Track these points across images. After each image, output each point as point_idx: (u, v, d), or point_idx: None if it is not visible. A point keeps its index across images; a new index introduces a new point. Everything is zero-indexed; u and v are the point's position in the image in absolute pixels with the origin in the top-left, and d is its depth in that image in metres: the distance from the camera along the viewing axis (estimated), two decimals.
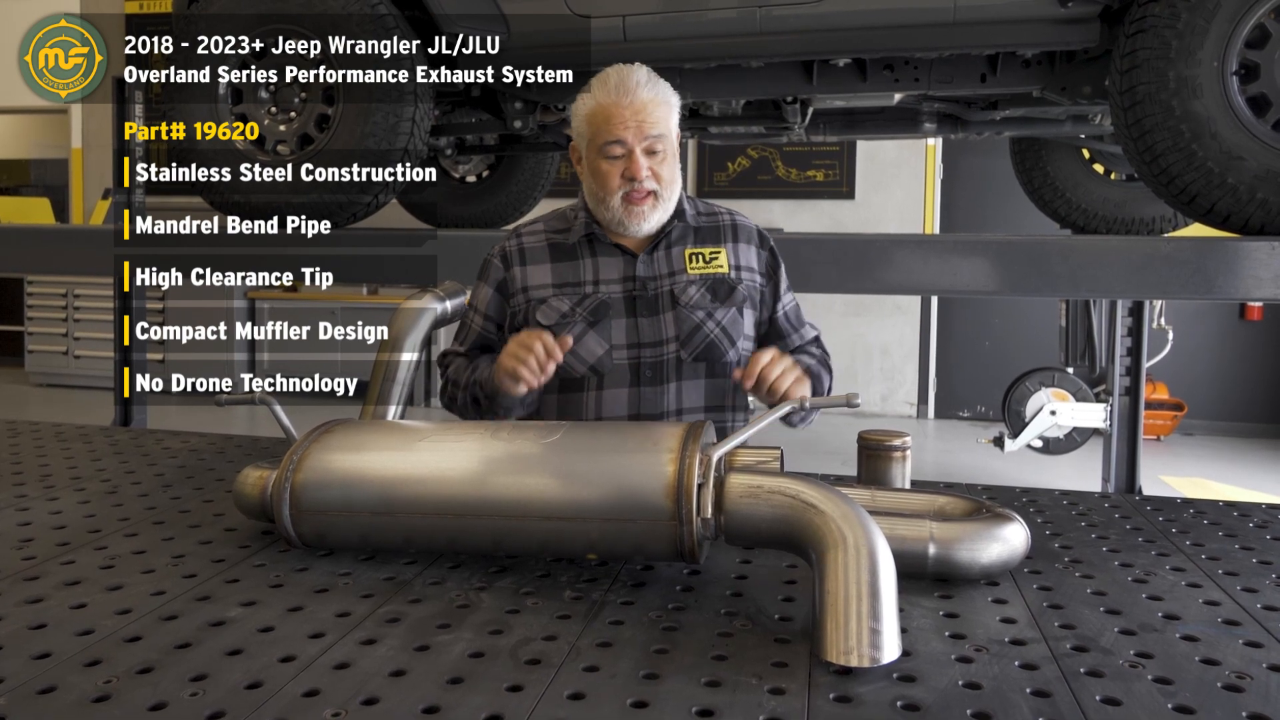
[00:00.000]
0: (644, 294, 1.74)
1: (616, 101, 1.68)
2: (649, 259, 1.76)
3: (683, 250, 1.77)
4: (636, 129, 1.66)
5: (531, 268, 1.78)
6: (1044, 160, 3.87)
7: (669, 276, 1.74)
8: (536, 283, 1.77)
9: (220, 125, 2.87)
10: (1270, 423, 6.91)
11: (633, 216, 1.70)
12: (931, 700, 0.84)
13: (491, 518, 1.14)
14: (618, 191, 1.69)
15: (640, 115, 1.67)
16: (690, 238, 1.79)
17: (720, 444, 1.13)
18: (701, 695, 0.85)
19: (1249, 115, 2.20)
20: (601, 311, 1.72)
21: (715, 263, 1.76)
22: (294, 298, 7.81)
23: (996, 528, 1.15)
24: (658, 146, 1.69)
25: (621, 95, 1.68)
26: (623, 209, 1.70)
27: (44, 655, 0.92)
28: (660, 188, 1.70)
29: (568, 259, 1.78)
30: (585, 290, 1.75)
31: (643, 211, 1.70)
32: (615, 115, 1.67)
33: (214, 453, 1.81)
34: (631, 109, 1.67)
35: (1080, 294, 2.50)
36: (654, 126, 1.67)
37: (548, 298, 1.75)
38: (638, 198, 1.69)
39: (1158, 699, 0.85)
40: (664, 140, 1.69)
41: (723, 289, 1.75)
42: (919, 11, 2.55)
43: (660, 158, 1.69)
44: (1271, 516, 1.47)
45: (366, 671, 0.89)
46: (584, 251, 1.78)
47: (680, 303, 1.73)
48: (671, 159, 1.72)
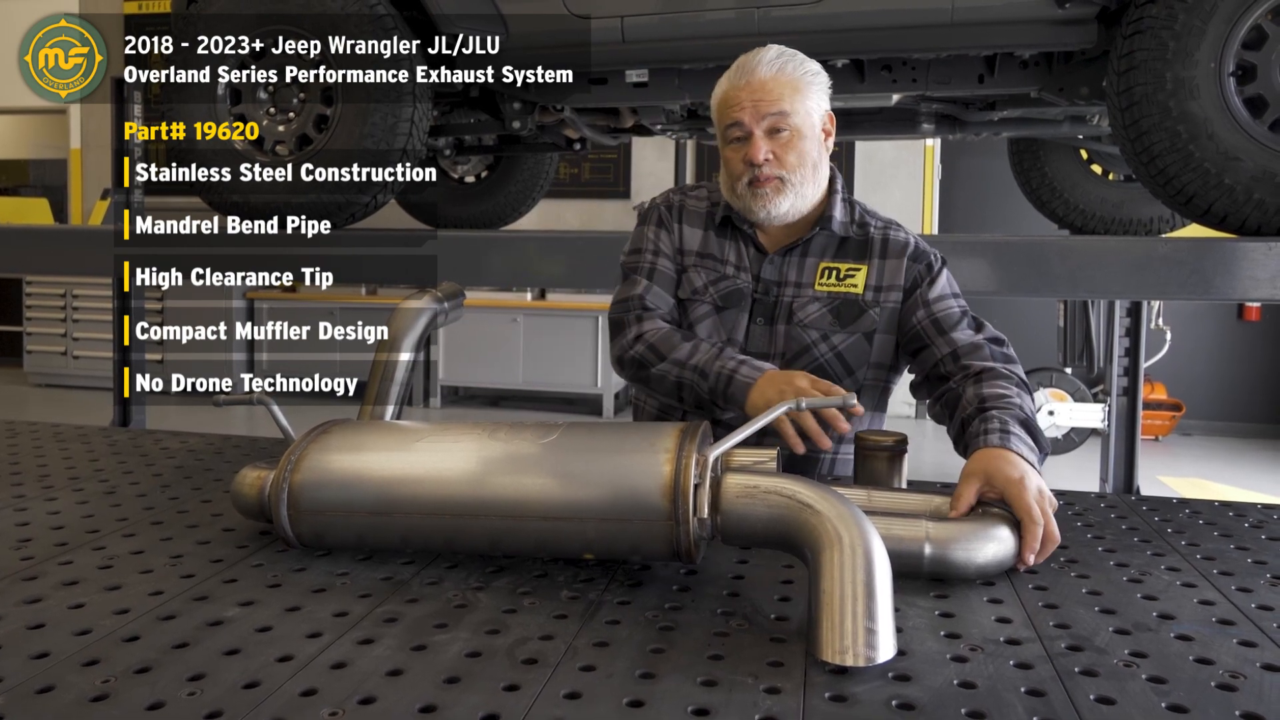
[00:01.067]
0: (764, 298, 1.64)
1: (735, 84, 1.59)
2: (778, 261, 1.65)
3: (818, 262, 1.64)
4: (753, 109, 1.56)
5: (687, 229, 1.70)
6: (1042, 161, 3.88)
7: (794, 286, 1.63)
8: (688, 247, 1.68)
9: (219, 125, 2.87)
10: (1268, 423, 6.92)
11: (757, 200, 1.58)
12: (926, 699, 0.85)
13: (489, 518, 1.14)
14: (742, 177, 1.59)
15: (758, 94, 1.56)
16: (832, 249, 1.65)
17: (717, 444, 1.13)
18: (698, 694, 0.85)
19: (1246, 116, 2.21)
20: (734, 299, 1.64)
21: (849, 281, 1.63)
22: (293, 298, 7.82)
23: (992, 528, 1.16)
24: (781, 125, 1.56)
25: (740, 76, 1.59)
26: (749, 194, 1.59)
27: (42, 655, 0.92)
28: (786, 173, 1.57)
29: (718, 234, 1.69)
30: (725, 270, 1.65)
31: (766, 194, 1.57)
32: (733, 98, 1.58)
33: (212, 453, 1.82)
34: (749, 89, 1.57)
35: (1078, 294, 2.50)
36: (773, 105, 1.55)
37: (690, 266, 1.67)
38: (760, 183, 1.57)
39: (1152, 698, 0.86)
40: (787, 120, 1.56)
41: (850, 311, 1.62)
42: (917, 13, 2.56)
43: (785, 140, 1.57)
44: (1267, 516, 1.47)
45: (364, 671, 0.89)
46: (728, 232, 1.69)
47: (796, 319, 1.62)
48: (800, 141, 1.58)
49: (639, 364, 1.62)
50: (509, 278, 3.04)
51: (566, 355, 7.36)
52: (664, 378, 1.59)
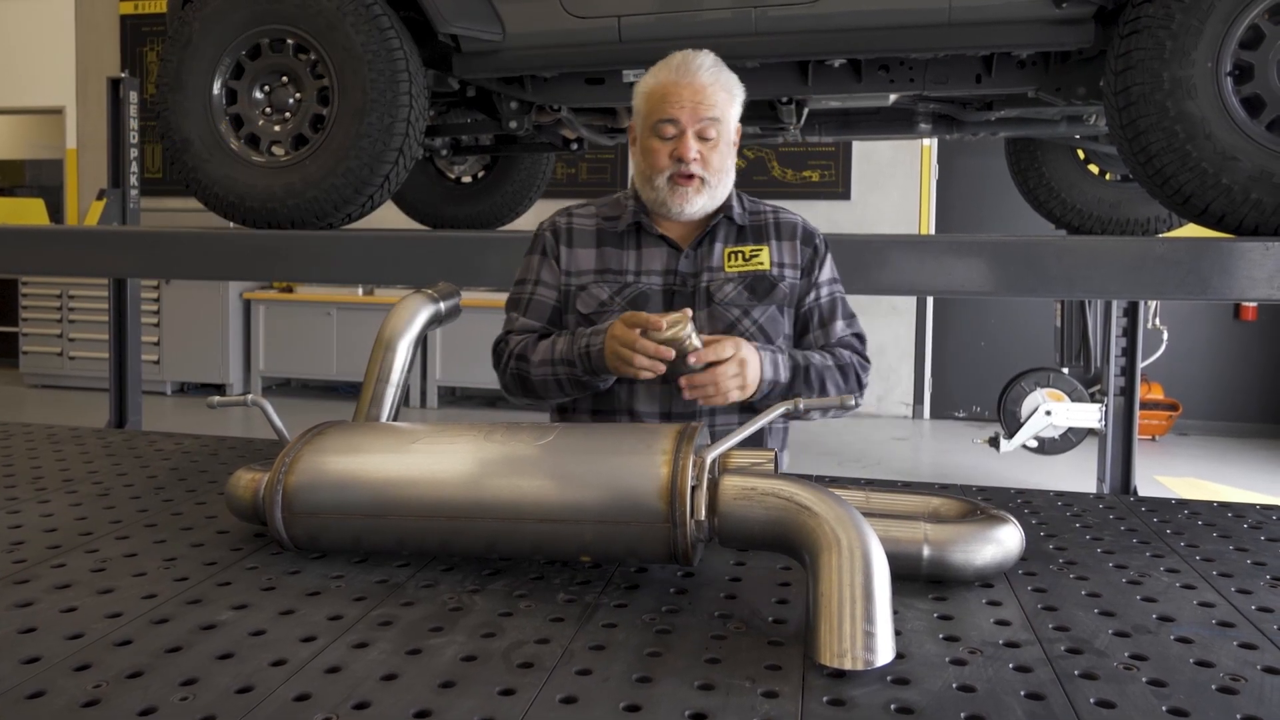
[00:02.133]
0: (682, 289, 1.72)
1: (675, 80, 1.66)
2: (692, 254, 1.74)
3: (724, 249, 1.75)
4: (691, 110, 1.64)
5: (578, 250, 1.78)
6: (1039, 161, 3.88)
7: (709, 272, 1.73)
8: (579, 268, 1.76)
9: (215, 126, 2.86)
10: (1265, 422, 6.93)
11: (676, 197, 1.68)
12: (925, 703, 0.84)
13: (485, 520, 1.14)
14: (665, 171, 1.67)
15: (697, 97, 1.65)
16: (733, 236, 1.77)
17: (714, 446, 1.12)
18: (695, 698, 0.85)
19: (1243, 116, 2.21)
20: (640, 303, 1.71)
21: (756, 260, 1.74)
22: (289, 298, 7.81)
23: (991, 529, 1.15)
24: (710, 131, 1.66)
25: (681, 75, 1.67)
26: (667, 188, 1.68)
27: (33, 659, 0.91)
28: (708, 174, 1.67)
29: (613, 246, 1.76)
30: (626, 279, 1.73)
31: (686, 194, 1.67)
32: (672, 94, 1.66)
33: (207, 454, 1.81)
34: (690, 89, 1.65)
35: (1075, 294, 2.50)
36: (709, 110, 1.65)
37: (588, 284, 1.74)
38: (683, 179, 1.66)
39: (1152, 701, 0.85)
40: (718, 126, 1.67)
41: (762, 286, 1.72)
42: (914, 12, 2.56)
43: (712, 144, 1.67)
44: (1266, 517, 1.47)
45: (358, 675, 0.89)
46: (630, 241, 1.77)
47: (715, 300, 1.71)
48: (724, 148, 1.69)
49: (518, 378, 1.72)
50: (506, 278, 3.02)
51: None
52: (544, 381, 1.68)
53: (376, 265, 2.75)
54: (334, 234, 2.81)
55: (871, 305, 7.31)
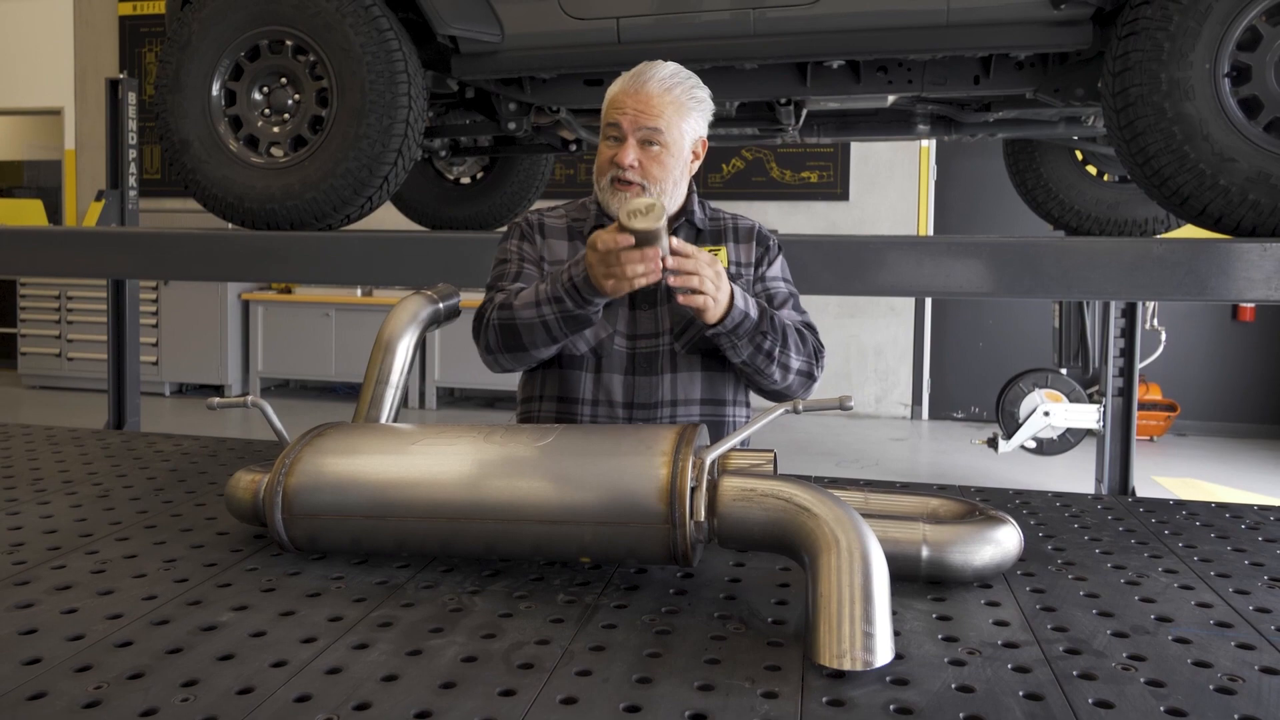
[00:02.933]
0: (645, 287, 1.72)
1: (625, 89, 1.69)
2: None
3: None
4: (634, 117, 1.67)
5: (552, 241, 1.81)
6: (1037, 162, 3.88)
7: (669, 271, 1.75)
8: (555, 257, 1.79)
9: (214, 127, 2.86)
10: (1263, 423, 6.94)
11: (614, 198, 1.70)
12: (924, 703, 0.84)
13: (484, 521, 1.14)
14: (607, 174, 1.71)
15: (642, 105, 1.67)
16: (693, 239, 1.80)
17: (713, 447, 1.13)
18: (694, 699, 0.85)
19: (1241, 117, 2.21)
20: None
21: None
22: (288, 299, 7.81)
23: (989, 530, 1.15)
24: (654, 140, 1.68)
25: (631, 83, 1.69)
26: (610, 191, 1.71)
27: (34, 661, 0.91)
28: (647, 183, 1.69)
29: (581, 242, 1.79)
30: None
31: (623, 198, 1.69)
32: (619, 101, 1.69)
33: (206, 456, 1.81)
34: (635, 97, 1.68)
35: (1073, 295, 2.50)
36: (652, 119, 1.67)
37: None
38: (622, 185, 1.69)
39: (1150, 701, 0.86)
40: (662, 136, 1.68)
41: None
42: (912, 14, 2.56)
43: (654, 153, 1.68)
44: (1263, 518, 1.47)
45: (358, 676, 0.89)
46: None
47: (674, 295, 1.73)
48: (669, 158, 1.70)
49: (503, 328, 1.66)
50: None
51: None
52: (531, 324, 1.63)
53: (375, 266, 2.75)
54: (333, 235, 2.81)
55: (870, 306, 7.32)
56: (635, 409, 1.73)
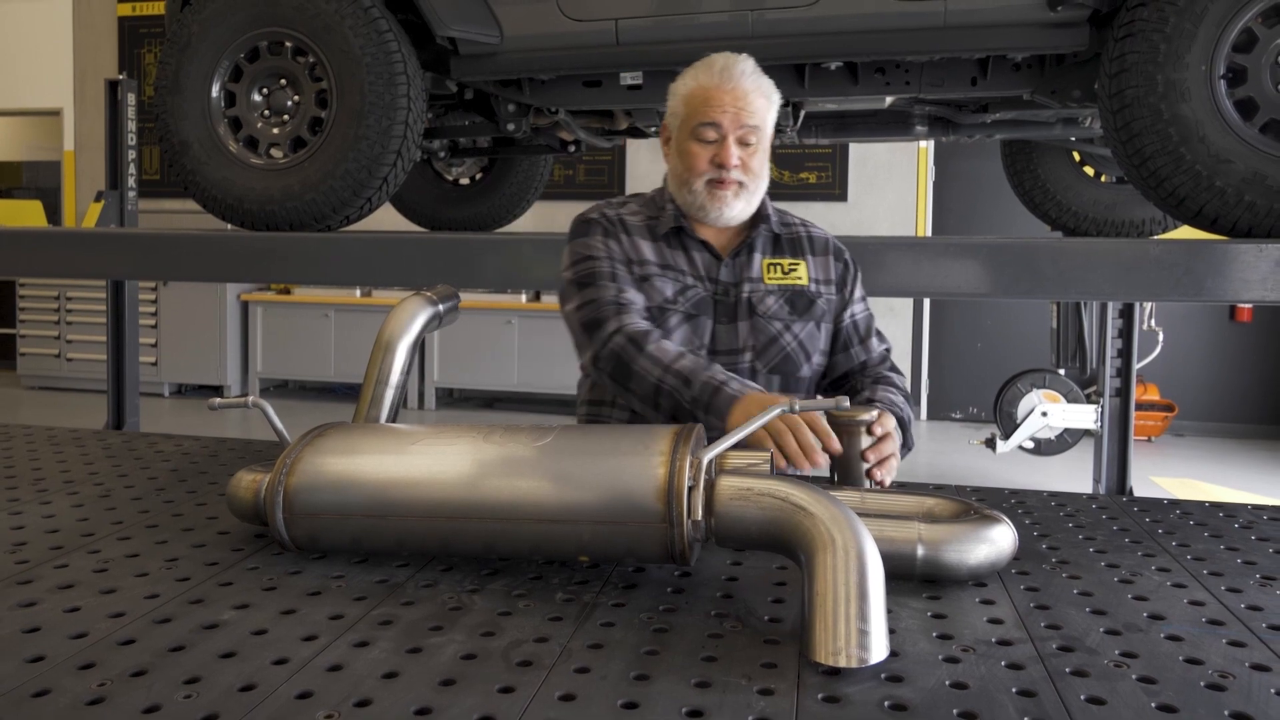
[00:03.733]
0: (724, 299, 1.69)
1: (718, 85, 1.65)
2: (731, 263, 1.71)
3: (762, 258, 1.73)
4: (734, 115, 1.63)
5: (637, 240, 1.73)
6: (1035, 163, 3.89)
7: (749, 283, 1.70)
8: (641, 257, 1.71)
9: (213, 128, 2.87)
10: (1260, 423, 6.95)
11: (715, 201, 1.66)
12: (919, 700, 0.85)
13: (484, 520, 1.15)
14: (703, 175, 1.66)
15: (740, 103, 1.64)
16: (770, 247, 1.75)
17: (711, 447, 1.14)
18: (691, 696, 0.86)
19: (1236, 118, 2.22)
20: (702, 307, 1.69)
21: (794, 274, 1.72)
22: (287, 300, 7.82)
23: (984, 529, 1.16)
24: (751, 138, 1.66)
25: (724, 79, 1.65)
26: (706, 193, 1.66)
27: (37, 659, 0.92)
28: (748, 180, 1.66)
29: (665, 244, 1.73)
30: (686, 281, 1.70)
31: (725, 198, 1.65)
32: (714, 98, 1.64)
33: (207, 456, 1.82)
34: (732, 95, 1.64)
35: (1071, 296, 2.51)
36: (751, 117, 1.64)
37: (651, 275, 1.70)
38: (722, 185, 1.65)
39: (1141, 698, 0.86)
40: (758, 133, 1.66)
41: (801, 302, 1.71)
42: (910, 15, 2.57)
43: (752, 150, 1.66)
44: (1256, 517, 1.48)
45: (359, 673, 0.90)
46: (674, 242, 1.73)
47: (758, 312, 1.68)
48: (763, 154, 1.69)
49: (618, 359, 1.57)
50: (504, 280, 3.04)
51: (561, 357, 7.35)
52: (645, 377, 1.54)
53: (374, 267, 2.76)
54: (332, 236, 2.82)
55: None
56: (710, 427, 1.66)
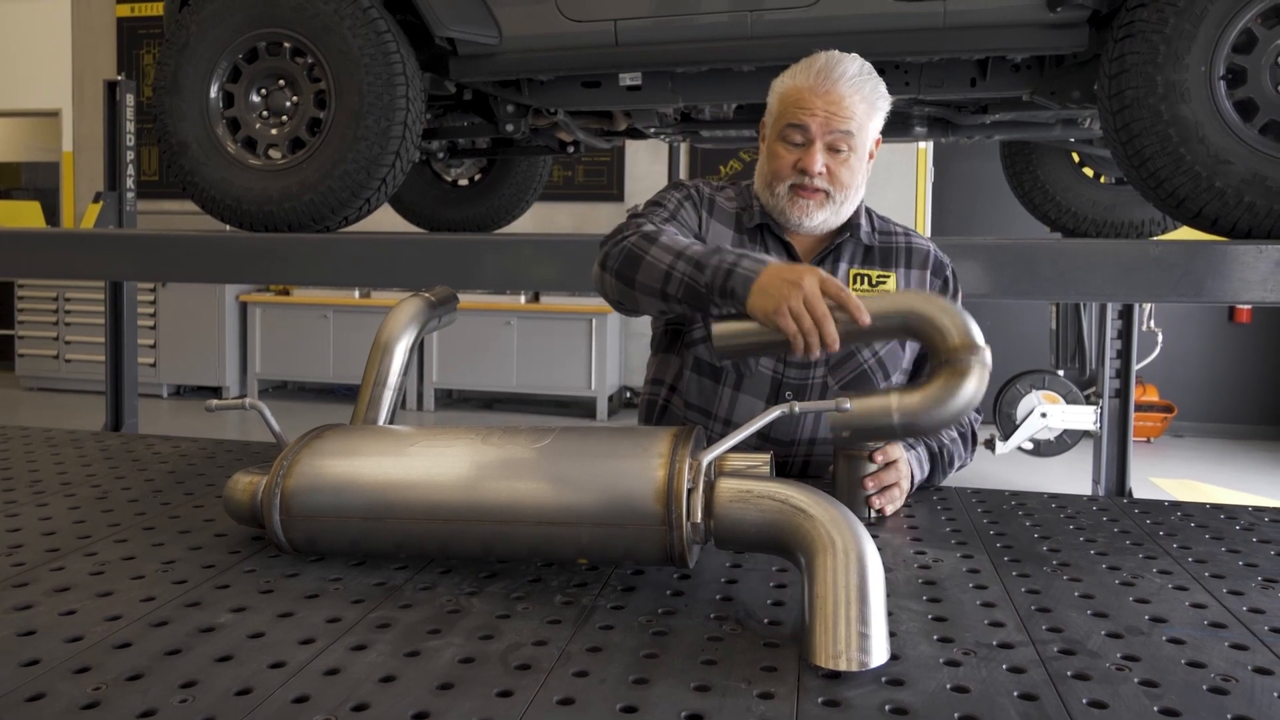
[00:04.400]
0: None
1: (812, 86, 1.56)
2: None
3: (848, 269, 1.65)
4: (824, 120, 1.54)
5: (717, 225, 1.67)
6: (1034, 164, 3.89)
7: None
8: (714, 241, 1.63)
9: (212, 129, 2.86)
10: (1259, 424, 6.95)
11: (796, 209, 1.58)
12: (920, 704, 0.85)
13: (482, 523, 1.14)
14: (787, 180, 1.58)
15: (833, 106, 1.54)
16: (859, 257, 1.66)
17: (710, 449, 1.13)
18: (691, 699, 0.85)
19: (1236, 119, 2.22)
20: None
21: (882, 288, 1.63)
22: (285, 301, 7.81)
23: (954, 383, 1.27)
24: (842, 145, 1.56)
25: (820, 80, 1.56)
26: (787, 198, 1.58)
27: (33, 662, 0.92)
28: (834, 189, 1.57)
29: (747, 237, 1.66)
30: None
31: (808, 207, 1.57)
32: (806, 100, 1.56)
33: (204, 458, 1.81)
34: (825, 97, 1.54)
35: (1070, 297, 2.50)
36: (844, 122, 1.54)
37: None
38: (806, 192, 1.57)
39: (1144, 701, 0.86)
40: (851, 140, 1.56)
41: None
42: (909, 16, 2.57)
43: (843, 158, 1.57)
44: (1258, 519, 1.48)
45: (356, 677, 0.89)
46: (757, 239, 1.66)
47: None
48: (856, 162, 1.59)
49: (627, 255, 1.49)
50: (502, 281, 3.03)
51: (560, 358, 7.37)
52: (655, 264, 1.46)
53: (373, 268, 2.75)
54: (331, 237, 2.82)
55: None
56: (770, 442, 1.58)
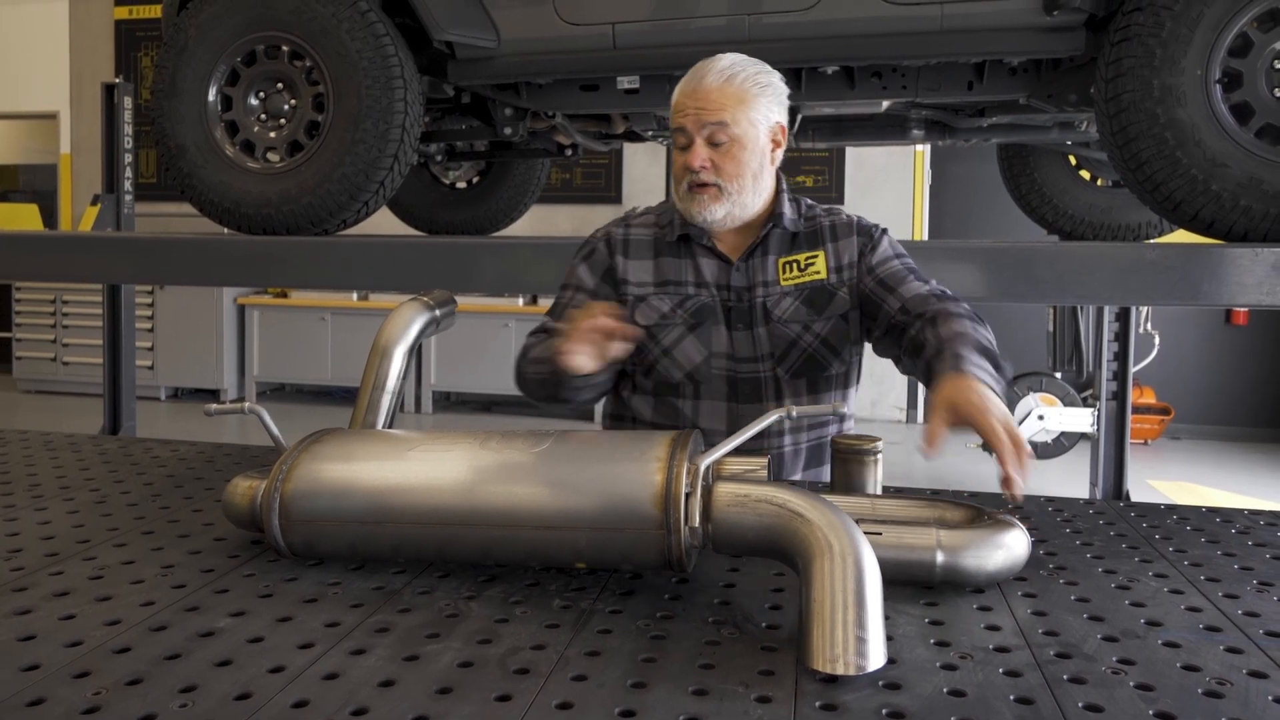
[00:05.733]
0: (738, 305, 1.66)
1: (684, 91, 1.62)
2: (743, 266, 1.67)
3: (777, 259, 1.68)
4: (695, 116, 1.59)
5: (634, 262, 1.71)
6: (1031, 167, 3.90)
7: (763, 287, 1.66)
8: (636, 279, 1.69)
9: (210, 132, 2.86)
10: (1256, 426, 6.96)
11: (695, 206, 1.62)
12: (916, 707, 0.85)
13: (480, 527, 1.15)
14: (683, 181, 1.63)
15: (701, 102, 1.59)
16: (787, 245, 1.70)
17: (708, 452, 1.13)
18: (689, 703, 0.86)
19: (1232, 123, 2.22)
20: (703, 314, 1.66)
21: (812, 269, 1.67)
22: (283, 303, 7.81)
23: (1001, 535, 1.15)
24: (719, 136, 1.59)
25: (689, 83, 1.62)
26: (687, 199, 1.63)
27: (33, 667, 0.92)
28: (723, 181, 1.60)
29: (671, 256, 1.70)
30: (687, 291, 1.67)
31: (703, 202, 1.61)
32: (680, 104, 1.62)
33: (203, 462, 1.81)
34: (693, 96, 1.60)
35: (1068, 300, 2.52)
36: (713, 115, 1.58)
37: (648, 295, 1.68)
38: (698, 189, 1.61)
39: (1139, 705, 0.86)
40: (726, 130, 1.59)
41: (821, 298, 1.66)
42: (907, 20, 2.57)
43: (724, 149, 1.60)
44: (1254, 522, 1.48)
45: (356, 681, 0.89)
46: (684, 251, 1.71)
47: (774, 317, 1.65)
48: (740, 152, 1.61)
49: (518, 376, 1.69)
50: (501, 283, 3.04)
51: None
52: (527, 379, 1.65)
53: (371, 271, 2.76)
54: (329, 240, 2.82)
55: None
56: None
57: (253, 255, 2.83)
